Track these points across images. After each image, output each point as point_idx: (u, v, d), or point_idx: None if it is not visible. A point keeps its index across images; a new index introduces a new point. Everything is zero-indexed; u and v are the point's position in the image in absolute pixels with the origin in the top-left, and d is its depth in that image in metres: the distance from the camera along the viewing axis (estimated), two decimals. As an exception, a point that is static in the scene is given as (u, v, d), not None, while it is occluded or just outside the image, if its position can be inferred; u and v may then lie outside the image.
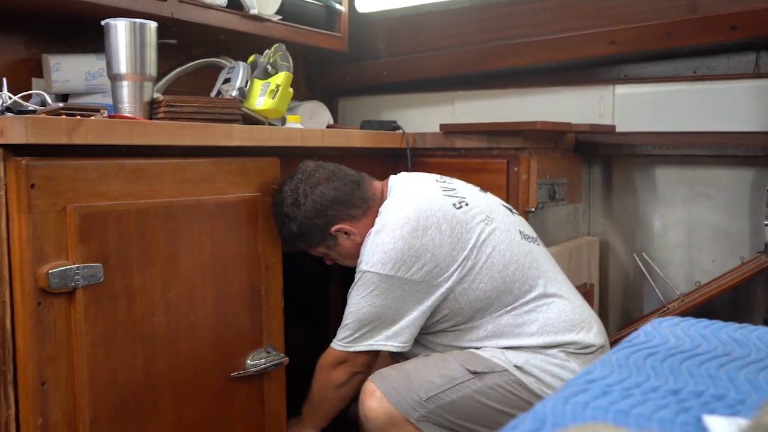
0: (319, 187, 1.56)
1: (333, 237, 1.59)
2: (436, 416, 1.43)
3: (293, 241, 1.61)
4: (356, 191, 1.59)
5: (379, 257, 1.49)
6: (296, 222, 1.55)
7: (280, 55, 1.75)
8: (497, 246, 1.52)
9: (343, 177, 1.60)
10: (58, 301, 1.19)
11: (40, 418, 1.17)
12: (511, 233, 1.56)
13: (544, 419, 0.54)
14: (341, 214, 1.57)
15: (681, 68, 2.14)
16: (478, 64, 2.38)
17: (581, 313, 1.55)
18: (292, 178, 1.58)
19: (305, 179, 1.56)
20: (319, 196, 1.55)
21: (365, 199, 1.60)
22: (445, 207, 1.52)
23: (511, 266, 1.51)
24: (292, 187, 1.56)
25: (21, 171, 1.13)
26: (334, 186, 1.57)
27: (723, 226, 2.08)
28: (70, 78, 1.75)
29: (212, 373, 1.45)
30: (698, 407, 0.57)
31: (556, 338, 1.49)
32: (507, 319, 1.51)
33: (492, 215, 1.56)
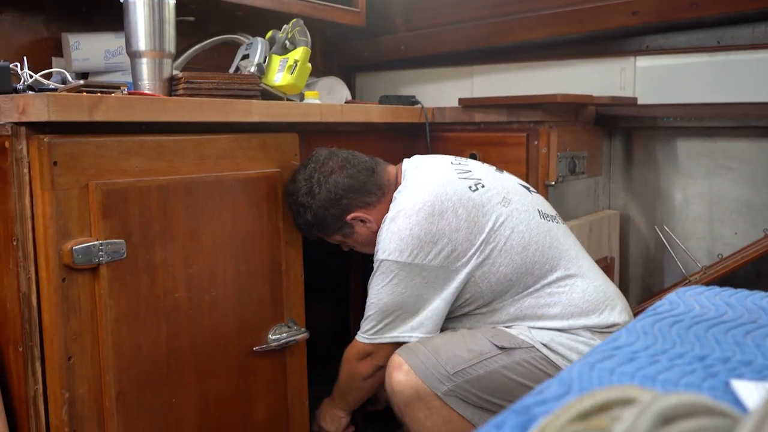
0: (333, 175, 1.55)
1: (349, 225, 1.58)
2: (462, 391, 1.42)
3: (309, 230, 1.60)
4: (370, 178, 1.58)
5: (396, 245, 1.47)
6: (311, 211, 1.54)
7: (298, 31, 1.75)
8: (516, 228, 1.50)
9: (357, 164, 1.58)
10: (82, 277, 1.20)
11: (66, 392, 1.18)
12: (529, 213, 1.54)
13: (570, 384, 0.54)
14: (356, 202, 1.56)
15: (704, 39, 2.10)
16: (496, 38, 2.35)
17: (604, 291, 1.53)
18: (305, 167, 1.56)
19: (319, 168, 1.55)
20: (333, 184, 1.54)
21: (380, 185, 1.59)
22: (460, 190, 1.51)
23: (531, 247, 1.49)
24: (305, 176, 1.55)
25: (44, 148, 1.14)
26: (348, 174, 1.56)
27: (745, 198, 2.06)
28: (90, 56, 1.75)
29: (234, 348, 1.46)
30: (725, 373, 0.57)
31: (580, 321, 1.48)
32: (529, 301, 1.50)
33: (509, 196, 1.54)
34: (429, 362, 1.44)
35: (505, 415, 0.49)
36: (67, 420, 1.18)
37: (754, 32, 2.02)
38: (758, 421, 0.31)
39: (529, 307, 1.50)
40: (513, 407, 0.50)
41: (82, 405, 1.21)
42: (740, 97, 2.01)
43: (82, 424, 1.20)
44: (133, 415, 1.27)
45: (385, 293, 1.49)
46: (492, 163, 1.92)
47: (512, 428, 0.46)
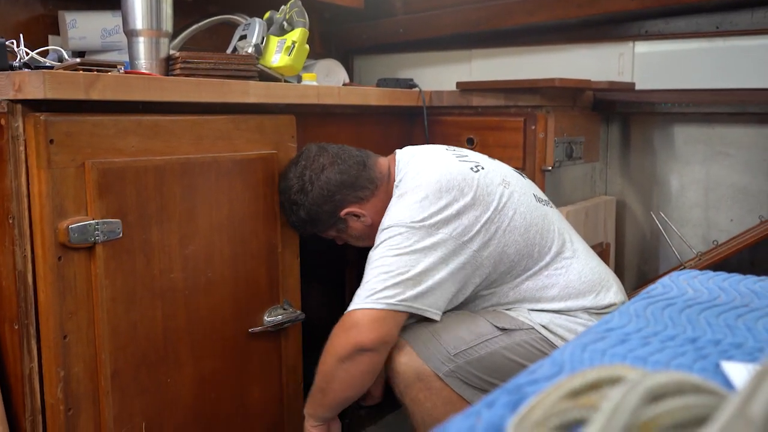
0: (325, 171, 1.53)
1: (342, 221, 1.57)
2: (464, 372, 1.42)
3: (303, 227, 1.59)
4: (362, 172, 1.56)
5: (405, 213, 1.43)
6: (305, 209, 1.53)
7: (296, 12, 1.74)
8: (518, 209, 1.49)
9: (348, 159, 1.56)
10: (78, 256, 1.20)
11: (62, 370, 1.19)
12: (527, 196, 1.54)
13: (562, 365, 0.54)
14: (349, 197, 1.55)
15: (703, 24, 2.10)
16: (495, 21, 2.34)
17: (599, 272, 1.54)
18: (296, 164, 1.55)
19: (310, 165, 1.54)
20: (325, 181, 1.52)
21: (372, 179, 1.57)
22: (464, 171, 1.49)
23: (532, 229, 1.49)
24: (297, 173, 1.53)
25: (40, 126, 1.14)
26: (340, 169, 1.54)
27: (742, 184, 2.06)
28: (87, 35, 1.75)
29: (230, 329, 1.46)
30: (716, 355, 0.57)
31: (578, 302, 1.49)
32: (527, 284, 1.50)
33: (507, 179, 1.54)
34: (430, 343, 1.43)
35: (497, 393, 0.49)
36: (62, 398, 1.19)
37: (753, 17, 2.02)
38: (744, 398, 0.31)
39: (527, 290, 1.50)
40: (505, 386, 0.50)
41: (77, 383, 1.21)
42: (739, 83, 2.00)
43: (77, 402, 1.21)
44: (128, 394, 1.28)
45: (390, 256, 1.41)
46: (489, 146, 1.92)
47: (504, 406, 0.47)
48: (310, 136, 1.72)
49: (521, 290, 1.50)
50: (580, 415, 0.37)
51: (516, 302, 1.51)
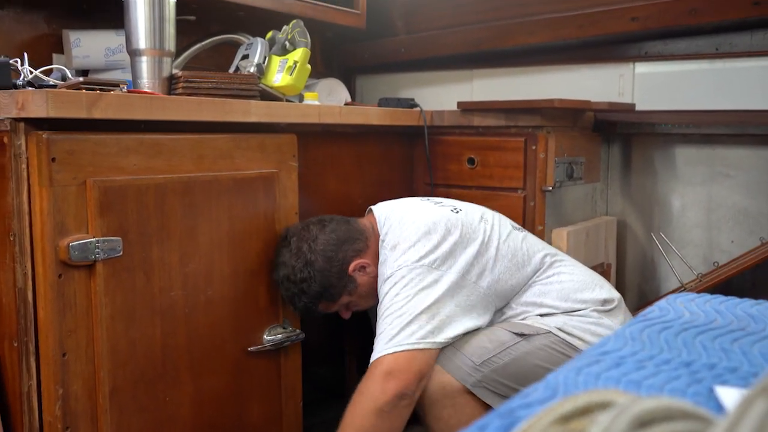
0: (319, 237, 1.54)
1: (352, 280, 1.56)
2: (490, 381, 1.41)
3: (315, 304, 1.55)
4: (350, 226, 1.59)
5: (402, 259, 1.47)
6: (316, 281, 1.51)
7: (298, 32, 1.75)
8: (500, 239, 1.56)
9: (331, 221, 1.58)
10: (78, 274, 1.20)
11: (60, 388, 1.19)
12: (505, 227, 1.62)
13: (556, 388, 0.54)
14: (350, 252, 1.55)
15: (703, 45, 2.11)
16: (496, 42, 2.36)
17: (589, 273, 1.63)
18: (286, 247, 1.53)
19: (302, 238, 1.53)
20: (324, 244, 1.53)
21: (361, 231, 1.59)
22: (445, 214, 1.55)
23: (518, 253, 1.56)
24: (293, 252, 1.52)
25: (42, 145, 1.14)
26: (331, 229, 1.56)
27: (743, 206, 2.06)
28: (90, 54, 1.76)
29: (229, 347, 1.46)
30: (711, 379, 0.57)
31: (578, 298, 1.55)
32: (527, 296, 1.55)
33: (485, 216, 1.61)
34: (454, 356, 1.42)
35: (490, 417, 0.49)
36: (60, 416, 1.19)
37: (752, 39, 2.03)
38: (730, 424, 0.31)
39: (528, 300, 1.55)
40: (497, 410, 0.50)
41: (75, 401, 1.21)
42: (738, 105, 2.01)
43: (75, 420, 1.21)
44: (126, 412, 1.28)
45: (398, 301, 1.43)
46: (490, 166, 1.93)
47: (496, 430, 0.47)
48: (311, 155, 1.73)
49: (522, 302, 1.55)
50: (569, 440, 0.37)
51: (522, 313, 1.55)
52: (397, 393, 1.34)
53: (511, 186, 1.91)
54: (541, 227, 1.88)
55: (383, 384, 1.34)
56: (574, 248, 1.93)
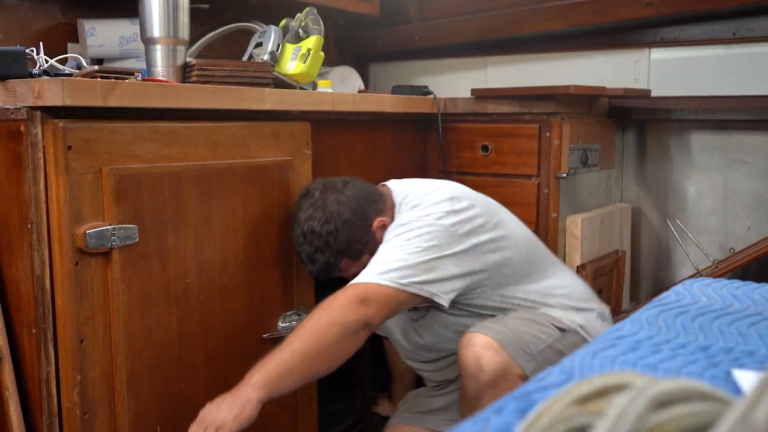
0: (345, 190, 1.52)
1: (374, 238, 1.52)
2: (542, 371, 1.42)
3: (337, 261, 1.51)
4: (369, 187, 1.58)
5: (427, 212, 1.45)
6: (342, 233, 1.49)
7: (312, 19, 1.75)
8: (514, 222, 1.60)
9: (353, 179, 1.57)
10: (95, 261, 1.21)
11: (78, 374, 1.20)
12: (515, 217, 1.65)
13: (571, 372, 0.54)
14: (371, 209, 1.54)
15: (720, 30, 2.08)
16: (510, 28, 2.35)
17: (584, 285, 1.68)
18: (309, 200, 1.50)
19: (327, 191, 1.52)
20: (348, 197, 1.51)
21: (380, 193, 1.58)
22: (467, 189, 1.58)
23: (528, 242, 1.60)
24: (318, 204, 1.49)
25: (58, 133, 1.15)
26: (354, 185, 1.55)
27: (759, 192, 2.05)
28: (105, 42, 1.77)
29: (244, 334, 1.47)
30: (728, 363, 0.57)
31: (582, 304, 1.58)
32: (535, 287, 1.56)
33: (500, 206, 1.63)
34: (516, 340, 1.40)
35: (506, 400, 0.49)
36: (78, 402, 1.20)
37: (770, 25, 2.00)
38: (748, 405, 0.31)
39: (536, 292, 1.55)
40: (513, 393, 0.51)
41: (93, 387, 1.22)
42: (755, 90, 1.99)
43: (93, 406, 1.22)
44: (143, 398, 1.29)
45: (407, 239, 1.41)
46: (504, 153, 1.93)
47: (512, 413, 0.47)
48: (325, 143, 1.73)
49: (530, 293, 1.55)
50: (586, 420, 0.37)
51: (528, 302, 1.54)
52: (365, 319, 1.32)
53: (525, 173, 1.90)
54: (556, 214, 1.87)
55: (356, 306, 1.31)
56: (588, 235, 1.93)
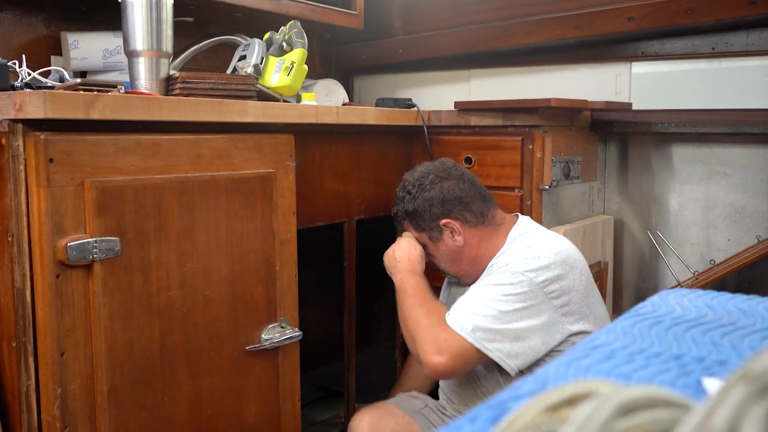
0: (449, 180, 1.66)
1: (439, 230, 1.66)
2: None
3: (402, 218, 1.72)
4: (479, 202, 1.67)
5: (535, 266, 1.50)
6: (415, 201, 1.67)
7: (295, 33, 1.76)
8: (599, 306, 1.62)
9: (474, 186, 1.69)
10: (76, 274, 1.21)
11: (59, 387, 1.19)
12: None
13: (546, 381, 0.55)
14: (456, 212, 1.65)
15: (699, 45, 2.12)
16: (493, 42, 2.37)
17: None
18: (429, 164, 1.71)
19: (439, 170, 1.68)
20: (446, 188, 1.65)
21: (484, 213, 1.66)
22: (585, 262, 1.61)
23: (599, 312, 1.61)
24: (424, 171, 1.69)
25: (40, 145, 1.15)
26: (463, 188, 1.66)
27: (739, 204, 2.07)
28: (88, 55, 1.77)
29: (227, 347, 1.47)
30: (700, 371, 0.58)
31: None
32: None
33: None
34: None
35: (480, 409, 0.50)
36: (58, 415, 1.19)
37: (748, 39, 2.03)
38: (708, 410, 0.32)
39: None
40: (488, 402, 0.51)
41: (74, 400, 1.22)
42: (735, 104, 2.02)
43: (73, 419, 1.22)
44: (124, 411, 1.28)
45: (506, 303, 1.47)
46: (487, 166, 1.94)
47: (486, 421, 0.47)
48: (309, 155, 1.73)
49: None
50: (554, 427, 0.38)
51: None
52: (431, 367, 1.47)
53: (508, 185, 1.91)
54: (538, 226, 1.88)
55: (430, 352, 1.46)
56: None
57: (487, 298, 1.48)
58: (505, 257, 1.56)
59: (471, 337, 1.44)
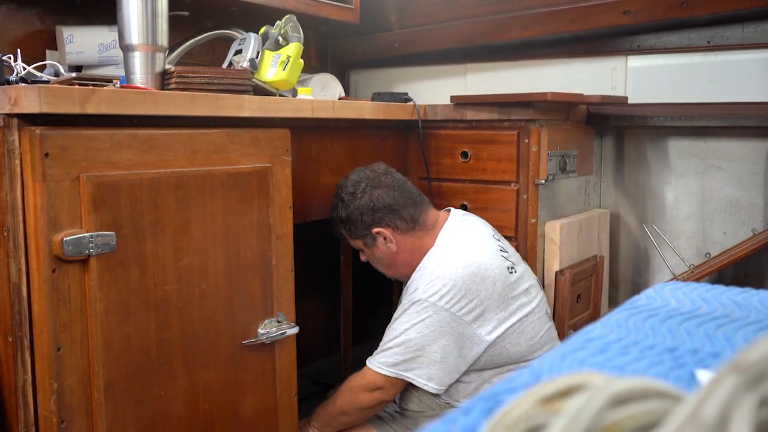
0: (379, 189, 1.71)
1: (372, 237, 1.73)
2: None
3: (337, 225, 1.77)
4: (409, 208, 1.72)
5: (438, 289, 1.58)
6: (347, 210, 1.72)
7: (291, 27, 1.76)
8: (530, 319, 1.66)
9: (405, 191, 1.74)
10: (72, 269, 1.21)
11: (55, 382, 1.19)
12: (541, 310, 1.72)
13: (540, 373, 0.55)
14: (387, 220, 1.71)
15: (695, 38, 2.12)
16: (489, 36, 2.37)
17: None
18: (361, 171, 1.74)
19: (371, 178, 1.72)
20: (375, 197, 1.70)
21: (415, 219, 1.72)
22: (501, 267, 1.65)
23: (536, 338, 1.67)
24: (356, 179, 1.73)
25: (35, 140, 1.15)
26: (393, 195, 1.71)
27: (735, 197, 2.08)
28: (84, 50, 1.76)
29: (224, 341, 1.47)
30: (693, 364, 0.58)
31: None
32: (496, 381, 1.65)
33: (531, 289, 1.70)
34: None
35: (475, 401, 0.50)
36: (55, 410, 1.19)
37: (744, 32, 2.04)
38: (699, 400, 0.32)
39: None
40: (483, 395, 0.51)
41: (70, 395, 1.22)
42: (730, 97, 2.02)
43: (70, 414, 1.22)
44: (121, 405, 1.28)
45: (415, 331, 1.59)
46: (483, 160, 1.94)
47: (480, 413, 0.48)
48: (305, 150, 1.73)
49: (486, 383, 1.65)
50: (547, 419, 0.38)
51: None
52: (382, 401, 1.65)
53: (504, 179, 1.92)
54: (534, 220, 1.89)
55: (371, 395, 1.64)
56: (567, 241, 1.94)
57: (397, 332, 1.61)
58: (423, 274, 1.64)
59: (391, 372, 1.61)
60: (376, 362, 1.63)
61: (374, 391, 1.63)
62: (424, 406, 1.69)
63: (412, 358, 1.59)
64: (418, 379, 1.60)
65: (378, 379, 1.63)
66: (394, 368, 1.61)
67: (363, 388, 1.65)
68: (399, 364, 1.60)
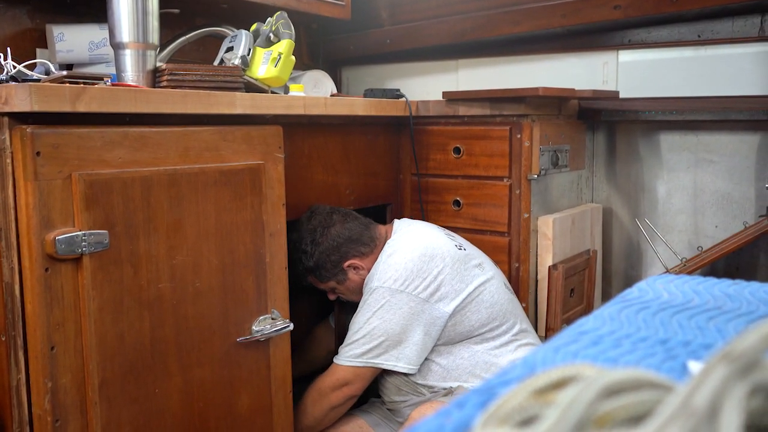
0: (336, 226, 1.76)
1: (344, 272, 1.78)
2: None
3: (305, 276, 1.82)
4: (365, 232, 1.79)
5: (391, 274, 1.66)
6: (313, 258, 1.77)
7: (282, 23, 1.75)
8: (488, 288, 1.71)
9: (354, 219, 1.80)
10: (65, 267, 1.21)
11: (49, 381, 1.19)
12: (499, 282, 1.77)
13: (534, 366, 0.56)
14: (353, 251, 1.77)
15: (685, 33, 2.13)
16: (481, 32, 2.37)
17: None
18: (309, 220, 1.77)
19: (322, 221, 1.76)
20: (335, 234, 1.76)
21: (373, 238, 1.80)
22: (448, 245, 1.73)
23: (496, 306, 1.71)
24: (310, 228, 1.76)
25: (26, 139, 1.15)
26: (348, 227, 1.77)
27: (726, 191, 2.09)
28: (74, 48, 1.76)
29: (218, 338, 1.47)
30: (685, 355, 0.59)
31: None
32: (482, 356, 1.68)
33: (484, 265, 1.76)
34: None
35: (469, 394, 0.50)
36: (49, 409, 1.19)
37: (733, 26, 2.04)
38: (690, 390, 0.32)
39: (481, 358, 1.68)
40: (477, 388, 0.52)
41: (64, 394, 1.22)
42: (720, 91, 2.03)
43: (65, 413, 1.22)
44: (116, 404, 1.28)
45: (377, 318, 1.64)
46: (476, 155, 1.95)
47: (474, 407, 0.48)
48: (297, 147, 1.73)
49: (476, 356, 1.68)
50: (540, 410, 0.39)
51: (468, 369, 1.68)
52: (350, 396, 1.70)
53: (496, 174, 1.92)
54: (527, 215, 1.89)
55: (340, 391, 1.69)
56: (560, 235, 1.95)
57: (359, 324, 1.66)
58: (374, 272, 1.71)
59: (360, 363, 1.66)
60: (343, 357, 1.68)
61: (342, 387, 1.68)
62: (404, 394, 1.72)
63: (378, 344, 1.64)
64: (388, 362, 1.65)
65: (347, 373, 1.67)
66: (362, 358, 1.65)
67: (331, 386, 1.69)
68: (366, 353, 1.65)
